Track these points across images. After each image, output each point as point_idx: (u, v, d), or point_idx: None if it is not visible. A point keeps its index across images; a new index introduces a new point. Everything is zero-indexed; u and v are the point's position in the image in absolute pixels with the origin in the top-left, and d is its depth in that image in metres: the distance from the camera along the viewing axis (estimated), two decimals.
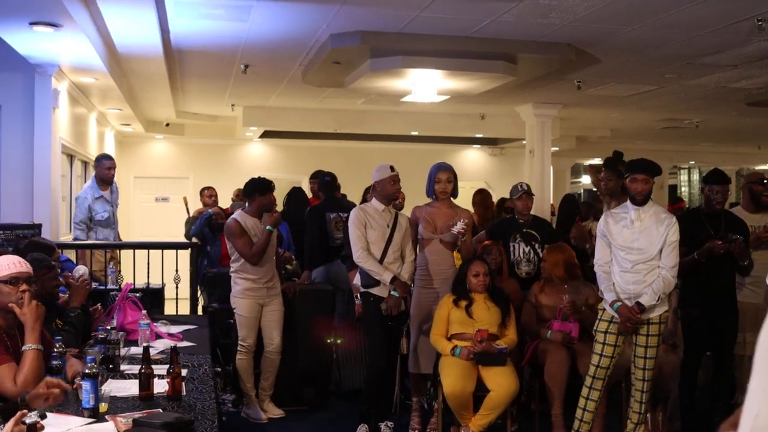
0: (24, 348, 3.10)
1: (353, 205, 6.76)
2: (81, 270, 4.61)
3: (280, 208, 7.09)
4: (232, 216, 5.74)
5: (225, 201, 9.32)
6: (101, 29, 6.08)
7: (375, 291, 5.22)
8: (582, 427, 4.73)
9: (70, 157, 8.34)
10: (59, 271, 4.39)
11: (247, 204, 5.74)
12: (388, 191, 5.29)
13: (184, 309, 6.80)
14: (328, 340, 5.94)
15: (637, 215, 4.62)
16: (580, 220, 7.00)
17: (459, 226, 5.30)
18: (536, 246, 5.94)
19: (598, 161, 13.23)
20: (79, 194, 7.43)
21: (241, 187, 8.31)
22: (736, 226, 5.22)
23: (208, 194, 8.41)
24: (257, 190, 5.63)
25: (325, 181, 6.79)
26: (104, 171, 7.42)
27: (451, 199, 5.54)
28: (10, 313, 3.22)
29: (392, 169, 5.33)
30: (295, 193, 7.54)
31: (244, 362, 5.69)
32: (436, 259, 5.44)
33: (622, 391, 5.17)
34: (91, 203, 7.19)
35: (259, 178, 5.71)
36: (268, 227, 5.52)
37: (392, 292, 5.15)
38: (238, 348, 5.68)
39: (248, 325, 5.65)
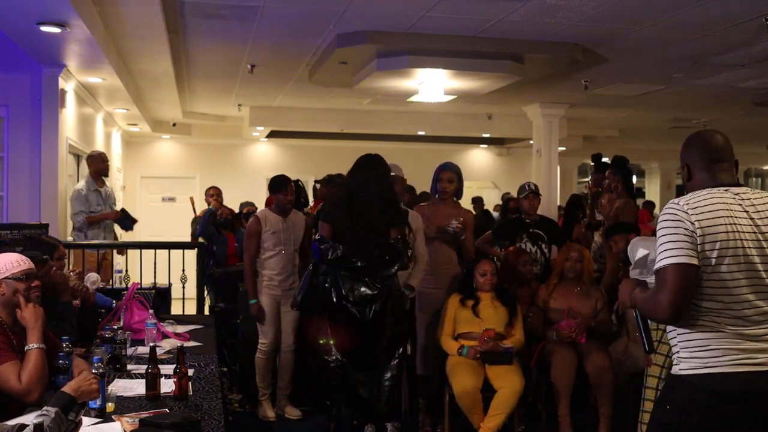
0: (27, 348, 3.11)
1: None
2: (93, 277, 4.65)
3: None
4: (255, 213, 5.73)
5: (231, 201, 9.31)
6: (108, 29, 6.09)
7: None
8: None
9: (77, 157, 8.36)
10: (53, 266, 4.38)
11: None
12: None
13: (191, 309, 6.80)
14: (321, 341, 5.89)
15: None
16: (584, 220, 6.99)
17: (453, 225, 5.31)
18: (543, 246, 5.92)
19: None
20: (75, 188, 7.43)
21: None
22: None
23: (210, 194, 8.50)
24: (271, 189, 5.72)
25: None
26: (102, 165, 7.50)
27: (454, 199, 5.54)
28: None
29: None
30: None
31: (262, 361, 5.66)
32: (438, 258, 5.42)
33: (629, 393, 5.15)
34: (87, 194, 7.23)
35: (277, 176, 5.75)
36: None
37: (403, 290, 5.14)
38: (258, 346, 5.65)
39: (266, 322, 5.62)
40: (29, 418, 2.64)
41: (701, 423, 2.48)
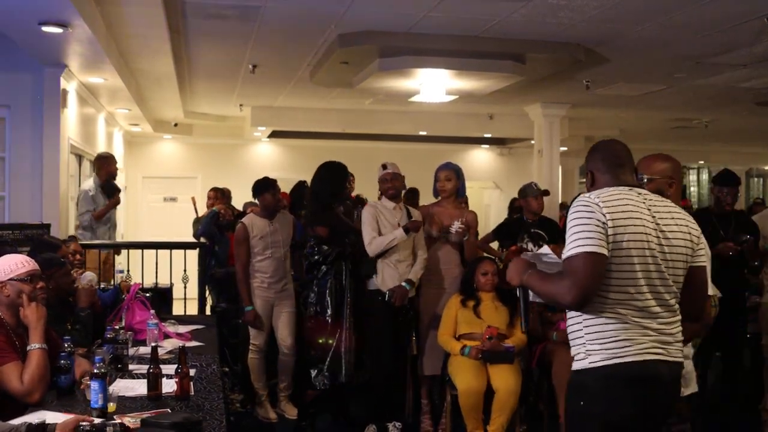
0: (29, 348, 3.12)
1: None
2: (89, 276, 4.66)
3: None
4: (241, 219, 5.76)
5: (233, 201, 9.32)
6: (110, 29, 6.09)
7: (379, 283, 5.18)
8: None
9: (79, 157, 8.36)
10: (70, 267, 4.42)
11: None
12: (381, 189, 5.39)
13: (192, 309, 6.80)
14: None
15: None
16: None
17: (455, 226, 5.31)
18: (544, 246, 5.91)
19: None
20: (82, 188, 7.62)
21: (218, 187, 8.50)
22: (747, 227, 5.18)
23: (209, 196, 8.56)
24: (256, 192, 5.71)
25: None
26: (113, 168, 7.75)
27: (455, 198, 5.54)
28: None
29: (384, 167, 5.34)
30: (299, 188, 7.54)
31: (254, 362, 5.69)
32: (442, 258, 5.42)
33: None
34: (94, 195, 7.43)
35: (262, 179, 5.75)
36: None
37: (403, 284, 5.13)
38: (249, 347, 5.68)
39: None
40: (30, 418, 2.64)
41: (612, 410, 2.62)
